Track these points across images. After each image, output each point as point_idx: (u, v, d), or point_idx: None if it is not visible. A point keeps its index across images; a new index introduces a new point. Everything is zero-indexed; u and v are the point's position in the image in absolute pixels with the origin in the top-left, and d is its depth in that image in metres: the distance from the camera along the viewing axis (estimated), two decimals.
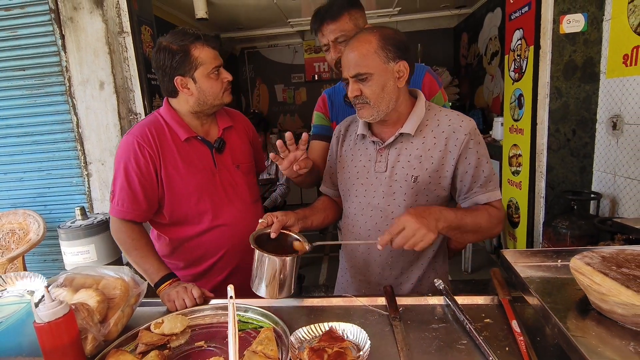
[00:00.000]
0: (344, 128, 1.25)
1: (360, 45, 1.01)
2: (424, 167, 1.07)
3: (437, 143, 1.06)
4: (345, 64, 1.04)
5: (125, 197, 1.21)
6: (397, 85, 1.04)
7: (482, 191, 1.07)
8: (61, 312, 0.77)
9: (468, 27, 4.90)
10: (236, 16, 4.42)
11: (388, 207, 1.11)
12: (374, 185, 1.13)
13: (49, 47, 2.59)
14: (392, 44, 1.02)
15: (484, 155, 1.07)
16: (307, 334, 0.88)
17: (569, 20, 2.29)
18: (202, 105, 1.25)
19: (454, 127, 1.06)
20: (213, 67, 1.21)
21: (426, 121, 1.09)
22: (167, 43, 1.19)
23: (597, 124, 2.38)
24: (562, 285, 0.87)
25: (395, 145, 1.10)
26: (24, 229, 2.62)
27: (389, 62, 1.02)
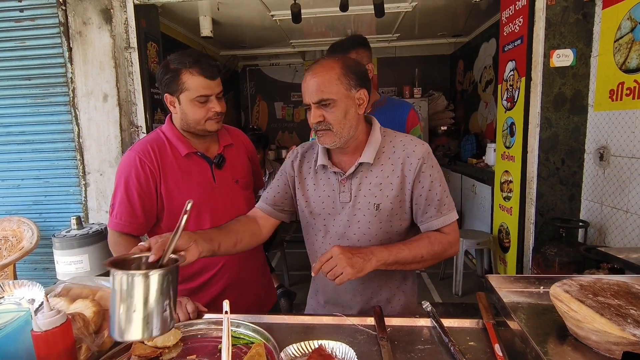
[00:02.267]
0: (300, 153, 1.23)
1: (323, 71, 1.02)
2: (385, 194, 1.09)
3: (394, 170, 1.09)
4: (307, 90, 1.04)
5: (123, 211, 1.24)
6: (357, 112, 1.07)
7: (436, 215, 1.09)
8: (59, 322, 0.80)
9: (464, 55, 5.06)
10: (240, 35, 4.54)
11: (354, 236, 1.13)
12: (340, 215, 1.14)
13: (55, 58, 2.66)
14: (354, 72, 1.04)
15: (437, 178, 1.09)
16: (297, 351, 0.90)
17: (559, 54, 2.40)
18: (186, 126, 1.30)
19: (408, 152, 1.09)
20: (198, 95, 1.22)
21: (383, 148, 1.11)
22: (168, 61, 1.25)
23: (585, 154, 2.47)
24: (543, 311, 0.91)
25: (356, 175, 1.11)
26: (17, 236, 2.62)
27: (351, 89, 1.04)
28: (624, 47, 2.07)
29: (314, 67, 1.05)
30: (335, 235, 1.16)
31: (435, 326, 1.00)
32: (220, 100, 1.28)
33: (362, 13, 3.57)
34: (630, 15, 2.01)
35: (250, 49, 5.30)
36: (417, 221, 1.13)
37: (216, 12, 3.54)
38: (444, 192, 1.09)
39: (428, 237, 1.08)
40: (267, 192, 1.25)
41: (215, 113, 1.26)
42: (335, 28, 4.36)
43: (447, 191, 1.11)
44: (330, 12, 3.55)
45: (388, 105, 1.79)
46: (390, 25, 4.32)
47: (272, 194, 1.24)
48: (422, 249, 1.05)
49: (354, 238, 1.13)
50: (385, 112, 1.73)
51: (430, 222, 1.10)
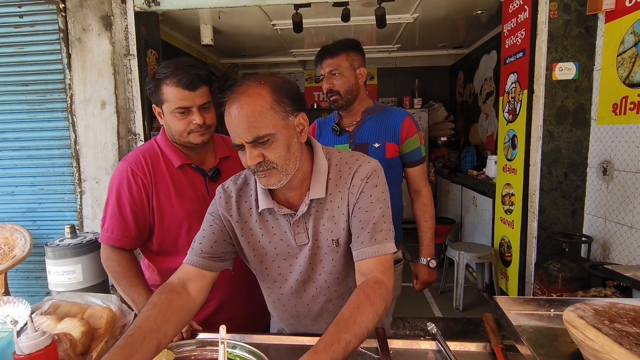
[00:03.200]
0: (235, 193, 1.02)
1: (251, 101, 0.84)
2: (341, 227, 0.97)
3: (343, 197, 0.96)
4: (236, 126, 0.85)
5: (115, 224, 1.20)
6: (300, 141, 0.92)
7: (369, 242, 0.92)
8: (43, 344, 0.75)
9: (464, 67, 5.07)
10: (241, 44, 4.54)
11: (320, 277, 1.02)
12: (299, 259, 1.00)
13: (54, 64, 2.63)
14: (287, 95, 0.88)
15: (378, 200, 0.94)
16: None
17: (561, 67, 2.39)
18: (171, 137, 1.27)
19: (352, 174, 0.96)
20: (177, 107, 1.17)
21: (329, 175, 0.97)
22: (155, 71, 1.22)
23: (588, 168, 2.44)
24: (555, 336, 0.87)
25: (310, 212, 0.97)
26: (9, 244, 2.56)
27: (287, 116, 0.87)
28: (627, 61, 2.05)
29: (239, 97, 0.85)
30: (297, 284, 1.02)
31: (440, 349, 0.95)
32: (204, 111, 1.21)
33: (364, 23, 3.58)
34: (634, 29, 2.00)
35: (251, 57, 5.30)
36: (352, 248, 0.97)
37: (217, 20, 3.54)
38: (383, 217, 0.94)
39: (369, 298, 0.83)
40: (199, 243, 1.00)
41: (197, 125, 1.19)
42: (336, 38, 4.34)
43: (387, 217, 0.95)
44: (331, 22, 3.55)
45: (381, 113, 1.65)
46: (391, 36, 4.33)
47: (208, 244, 0.99)
48: (368, 322, 0.80)
49: (320, 279, 1.02)
50: (378, 120, 1.63)
51: (362, 249, 0.93)
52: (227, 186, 1.05)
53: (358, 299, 0.84)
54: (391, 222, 0.97)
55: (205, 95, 1.22)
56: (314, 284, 1.03)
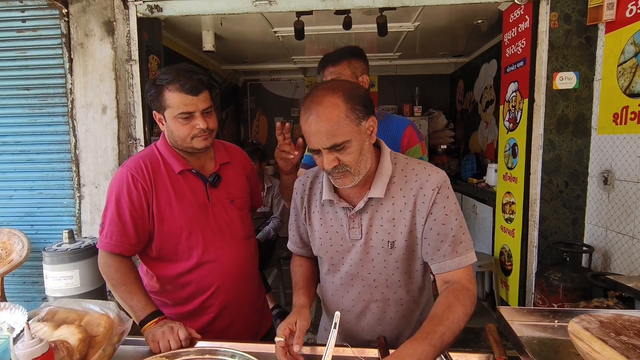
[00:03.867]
0: (307, 185, 1.14)
1: (328, 111, 0.90)
2: (399, 230, 1.00)
3: (407, 203, 0.99)
4: (314, 134, 0.91)
5: (114, 230, 1.18)
6: (370, 143, 0.99)
7: (451, 255, 0.97)
8: (39, 352, 0.74)
9: (464, 75, 5.09)
10: (242, 50, 4.56)
11: (369, 276, 1.04)
12: (350, 253, 1.05)
13: (56, 69, 2.64)
14: (358, 101, 0.93)
15: (452, 211, 0.97)
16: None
17: (562, 77, 2.40)
18: (174, 143, 1.26)
19: (421, 183, 0.99)
20: (180, 113, 1.17)
21: (394, 179, 1.02)
22: (155, 77, 1.22)
23: (589, 178, 2.44)
24: (559, 348, 0.86)
25: (367, 210, 1.02)
26: (7, 248, 2.54)
27: (360, 122, 0.93)
28: (627, 71, 2.06)
29: (316, 109, 0.91)
30: (347, 276, 1.07)
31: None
32: (207, 115, 1.21)
33: (365, 31, 3.60)
34: (634, 40, 2.02)
35: (252, 64, 5.32)
36: (426, 259, 1.02)
37: (219, 27, 3.56)
38: (460, 228, 0.98)
39: (458, 300, 0.91)
40: (294, 235, 1.20)
41: (200, 130, 1.20)
42: (337, 46, 4.37)
43: (465, 227, 0.99)
44: (333, 30, 3.57)
45: (383, 121, 1.61)
46: (392, 44, 4.36)
47: (297, 235, 1.20)
48: (460, 322, 0.88)
49: (369, 278, 1.05)
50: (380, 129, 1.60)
51: (444, 262, 0.97)
52: (301, 180, 1.17)
53: (448, 300, 0.91)
54: (468, 231, 1.00)
55: (208, 100, 1.22)
56: (362, 281, 1.06)
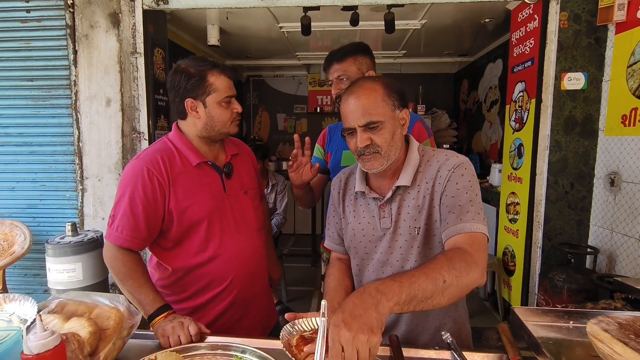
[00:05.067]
0: (343, 181, 1.21)
1: (367, 93, 0.99)
2: (423, 216, 1.03)
3: (429, 187, 1.04)
4: (352, 112, 1.00)
5: (125, 224, 1.17)
6: (402, 133, 1.05)
7: (454, 221, 0.94)
8: (52, 344, 0.72)
9: (469, 75, 5.08)
10: (246, 45, 4.54)
11: (397, 263, 1.08)
12: (381, 242, 1.09)
13: (60, 60, 2.61)
14: (395, 91, 1.02)
15: (464, 186, 0.98)
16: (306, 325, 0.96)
17: (570, 77, 2.39)
18: (210, 130, 1.25)
19: (440, 166, 1.03)
20: (226, 96, 1.22)
21: (420, 168, 1.06)
22: (186, 66, 1.22)
23: (595, 179, 2.43)
24: (575, 349, 0.85)
25: (395, 199, 1.07)
26: (8, 240, 2.52)
27: (395, 109, 1.01)
28: (637, 72, 2.05)
29: (356, 90, 1.01)
30: (377, 263, 1.11)
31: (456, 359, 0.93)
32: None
33: (371, 28, 3.58)
34: None
35: (255, 59, 5.30)
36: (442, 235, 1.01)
37: (224, 21, 3.53)
38: (469, 202, 0.96)
39: (444, 254, 0.88)
40: (331, 232, 1.23)
41: (237, 114, 1.27)
42: (342, 42, 4.34)
43: (475, 202, 0.96)
44: (339, 26, 3.55)
45: None
46: (397, 42, 4.33)
47: (336, 232, 1.23)
48: (441, 270, 0.81)
49: (397, 265, 1.08)
50: None
51: (447, 229, 0.96)
52: (338, 177, 1.23)
53: (435, 257, 0.89)
54: (481, 209, 0.97)
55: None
56: (391, 268, 1.09)
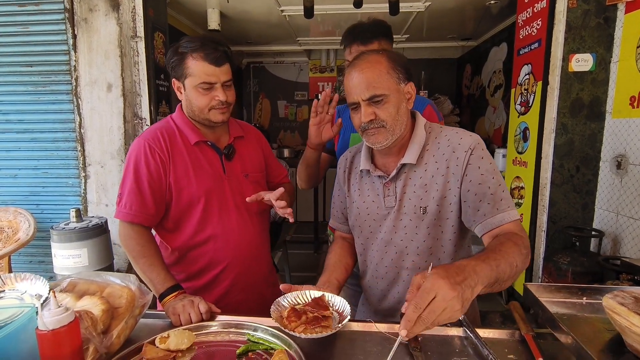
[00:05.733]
0: (349, 160, 1.19)
1: (371, 66, 0.97)
2: (431, 196, 1.00)
3: (439, 168, 1.00)
4: (355, 86, 0.97)
5: (134, 200, 1.17)
6: (407, 107, 1.02)
7: (492, 212, 0.93)
8: (66, 320, 0.72)
9: (472, 59, 5.02)
10: (247, 30, 4.47)
11: (401, 242, 1.06)
12: (386, 221, 1.07)
13: (59, 45, 2.57)
14: (400, 64, 0.99)
15: (488, 170, 0.96)
16: (296, 299, 0.96)
17: (578, 59, 2.35)
18: (191, 114, 1.25)
19: (453, 147, 0.99)
20: (202, 82, 1.16)
21: (427, 146, 1.03)
22: (178, 44, 1.21)
23: (601, 162, 2.42)
24: (591, 324, 0.85)
25: (400, 177, 1.04)
26: (13, 227, 2.52)
27: (400, 83, 0.99)
28: None
29: (359, 63, 0.98)
30: (381, 242, 1.09)
31: (468, 337, 0.93)
32: (227, 88, 1.21)
33: (374, 11, 3.52)
34: None
35: (256, 45, 5.23)
36: (469, 224, 1.00)
37: (225, 4, 3.48)
38: (499, 187, 0.95)
39: (512, 240, 0.85)
40: (336, 210, 1.23)
41: (219, 102, 1.19)
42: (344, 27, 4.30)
43: (504, 185, 0.96)
44: (343, 9, 3.49)
45: None
46: (400, 26, 4.27)
47: (340, 211, 1.22)
48: (514, 255, 0.82)
49: (401, 244, 1.06)
50: None
51: (486, 221, 0.94)
52: (344, 156, 1.21)
53: (499, 240, 0.86)
54: (507, 190, 0.97)
55: (229, 72, 1.22)
56: (395, 248, 1.07)
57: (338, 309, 0.93)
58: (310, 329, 0.84)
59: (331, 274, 1.08)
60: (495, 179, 0.95)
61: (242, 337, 0.94)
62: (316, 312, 0.88)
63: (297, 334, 0.83)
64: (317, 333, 0.82)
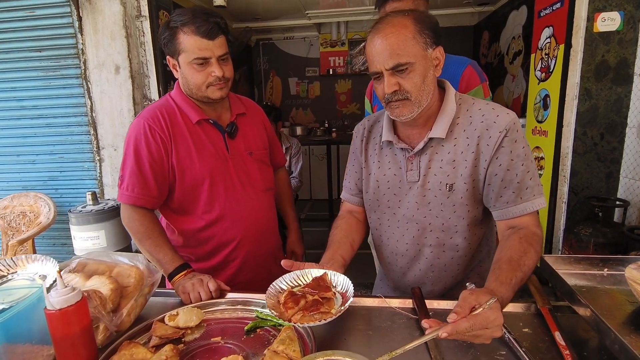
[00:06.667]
0: (367, 129, 1.11)
1: (395, 30, 0.87)
2: (459, 173, 0.94)
3: (470, 144, 0.93)
4: (378, 54, 0.88)
5: (135, 182, 1.15)
6: (435, 75, 0.93)
7: (514, 201, 0.91)
8: (73, 300, 0.73)
9: (489, 26, 4.77)
10: (254, 5, 4.35)
11: (424, 219, 1.00)
12: (407, 196, 1.01)
13: (65, 28, 2.56)
14: (429, 27, 0.89)
15: (519, 156, 0.90)
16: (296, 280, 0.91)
17: (604, 18, 2.19)
18: (188, 91, 1.20)
19: (488, 124, 0.92)
20: (195, 58, 1.10)
21: (457, 119, 0.95)
22: (169, 19, 1.14)
23: (628, 128, 2.29)
24: (612, 296, 0.81)
25: (426, 151, 0.97)
26: (34, 211, 2.60)
27: (427, 48, 0.89)
28: None
29: (382, 27, 0.89)
30: (403, 219, 1.03)
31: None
32: (223, 63, 1.15)
33: None
34: None
35: (264, 21, 5.10)
36: (488, 205, 0.97)
37: None
38: (527, 174, 0.91)
39: (532, 246, 0.85)
40: (348, 182, 1.17)
41: (216, 78, 1.13)
42: None
43: (533, 172, 0.92)
44: None
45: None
46: None
47: (353, 182, 1.16)
48: (532, 269, 0.83)
49: (424, 221, 1.00)
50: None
51: (507, 209, 0.92)
52: (361, 124, 1.14)
53: (522, 246, 0.85)
54: (537, 177, 0.93)
55: (224, 46, 1.16)
56: (417, 225, 1.02)
57: (341, 290, 0.88)
58: (308, 316, 0.79)
59: (336, 250, 1.02)
60: (524, 165, 0.91)
61: (250, 314, 0.94)
62: (316, 295, 0.83)
63: (293, 324, 0.78)
64: (315, 321, 0.77)
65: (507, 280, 0.78)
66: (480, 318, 0.67)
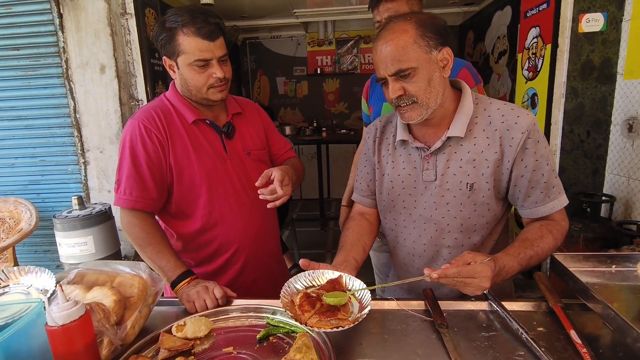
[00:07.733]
0: (379, 129, 1.11)
1: (395, 37, 0.88)
2: (480, 172, 0.94)
3: (491, 144, 0.93)
4: (381, 61, 0.91)
5: (133, 185, 1.11)
6: (442, 76, 0.92)
7: (544, 201, 0.94)
8: (76, 314, 0.68)
9: (474, 25, 4.84)
10: (241, 3, 4.29)
11: (442, 220, 1.00)
12: (423, 196, 1.01)
13: (45, 26, 2.46)
14: (432, 30, 0.89)
15: (543, 156, 0.92)
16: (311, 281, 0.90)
17: (589, 19, 2.24)
18: (187, 94, 1.17)
19: (509, 124, 0.92)
20: (196, 59, 1.08)
21: (475, 119, 0.95)
22: (164, 19, 1.10)
23: (612, 126, 2.35)
24: (622, 292, 0.82)
25: (443, 150, 0.97)
26: (14, 218, 2.49)
27: (431, 51, 0.89)
28: None
29: (384, 34, 0.91)
30: (420, 219, 1.03)
31: (494, 311, 0.90)
32: (223, 64, 1.12)
33: None
34: None
35: (251, 19, 5.04)
36: (516, 205, 0.98)
37: None
38: (552, 172, 0.94)
39: (551, 233, 0.92)
40: (360, 183, 1.16)
41: (217, 79, 1.11)
42: None
43: (555, 170, 0.95)
44: None
45: None
46: None
47: (365, 183, 1.15)
48: (547, 247, 0.90)
49: (442, 222, 1.00)
50: None
51: (536, 208, 0.95)
52: (374, 124, 1.14)
53: (541, 231, 0.93)
54: (556, 172, 0.97)
55: (224, 47, 1.13)
56: (435, 225, 1.01)
57: (358, 296, 0.86)
58: (324, 321, 0.77)
59: (349, 252, 1.01)
60: (549, 165, 0.93)
61: (261, 322, 0.91)
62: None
63: (310, 329, 0.76)
64: (332, 327, 0.75)
65: (514, 253, 0.87)
66: (468, 267, 0.79)
